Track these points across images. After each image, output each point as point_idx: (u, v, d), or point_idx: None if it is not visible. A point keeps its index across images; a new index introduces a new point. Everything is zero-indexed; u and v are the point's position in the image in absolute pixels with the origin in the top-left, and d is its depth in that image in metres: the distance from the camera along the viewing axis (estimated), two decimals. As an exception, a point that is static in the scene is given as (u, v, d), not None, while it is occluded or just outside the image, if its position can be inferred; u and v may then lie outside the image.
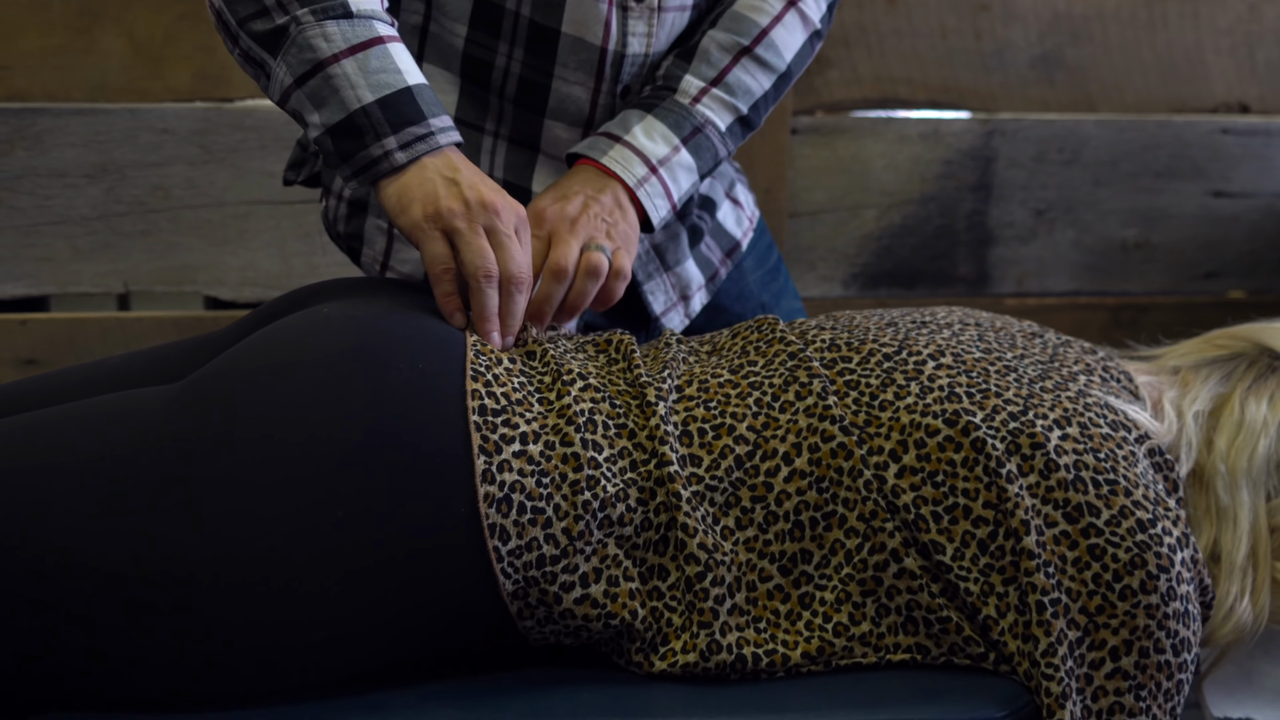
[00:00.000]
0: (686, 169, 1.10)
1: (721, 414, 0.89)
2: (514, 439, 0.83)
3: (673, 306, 1.22)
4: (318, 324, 0.85)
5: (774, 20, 1.15)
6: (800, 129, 1.89)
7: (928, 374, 0.89)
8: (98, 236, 1.79)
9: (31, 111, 1.73)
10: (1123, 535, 0.84)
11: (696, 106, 1.11)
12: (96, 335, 1.81)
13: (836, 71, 1.87)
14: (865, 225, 1.95)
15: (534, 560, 0.82)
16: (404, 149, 0.95)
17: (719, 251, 1.27)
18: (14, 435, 0.80)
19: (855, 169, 1.92)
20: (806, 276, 1.95)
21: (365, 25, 0.95)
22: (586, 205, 1.03)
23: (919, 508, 0.85)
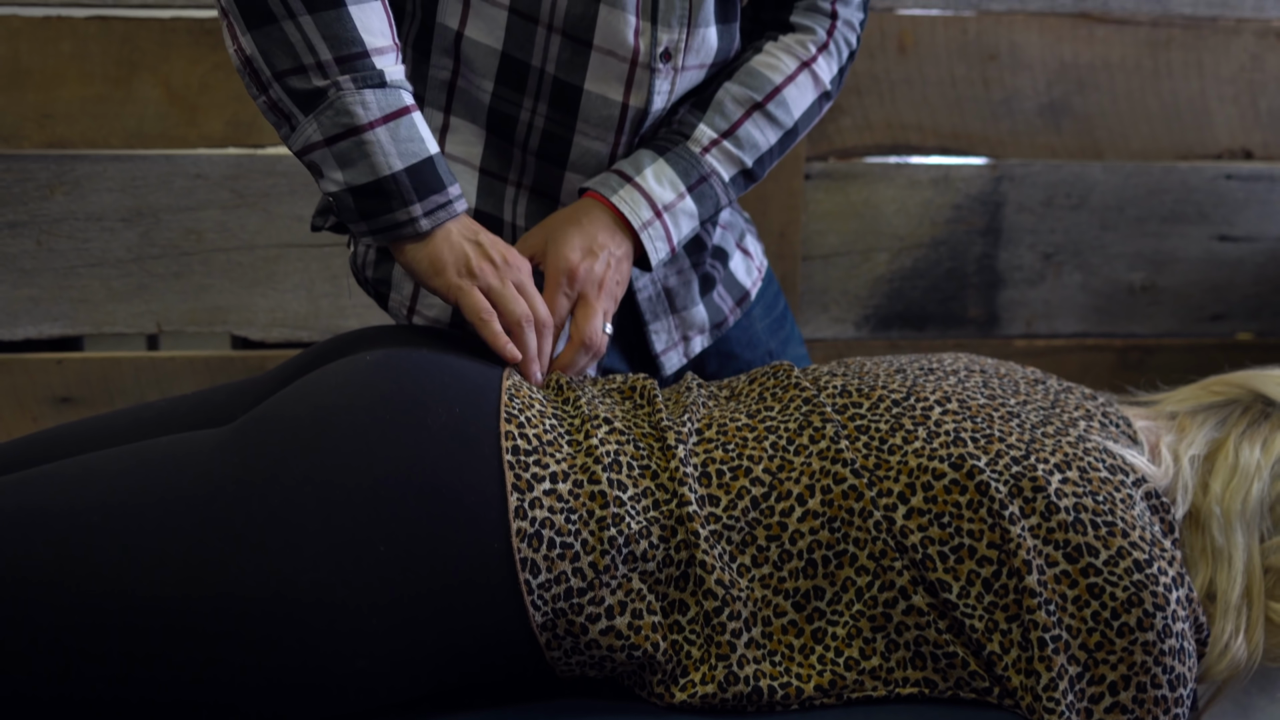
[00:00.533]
0: (688, 215, 1.16)
1: (739, 456, 0.93)
2: (545, 478, 0.88)
3: (673, 346, 1.28)
4: (361, 370, 0.90)
5: (787, 79, 1.21)
6: (814, 174, 1.94)
7: (934, 419, 0.94)
8: (132, 278, 1.85)
9: (71, 158, 1.79)
10: (1120, 574, 0.88)
11: (705, 156, 1.17)
12: (130, 374, 1.86)
13: (849, 118, 1.93)
14: (877, 268, 1.99)
15: (562, 593, 0.87)
16: (428, 215, 1.03)
17: (730, 300, 1.32)
18: (71, 476, 0.85)
19: (867, 213, 1.97)
20: (820, 318, 2.00)
21: (395, 95, 1.02)
22: (609, 267, 1.11)
23: (926, 547, 0.89)
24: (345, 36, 0.99)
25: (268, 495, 0.83)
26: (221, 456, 0.85)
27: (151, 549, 0.81)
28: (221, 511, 0.82)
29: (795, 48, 1.22)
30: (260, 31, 0.99)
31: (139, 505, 0.83)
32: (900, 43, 1.90)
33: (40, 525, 0.82)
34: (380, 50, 1.01)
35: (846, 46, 1.26)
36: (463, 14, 1.12)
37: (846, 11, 1.25)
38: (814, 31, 1.23)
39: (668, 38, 1.13)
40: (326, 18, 0.98)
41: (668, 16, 1.12)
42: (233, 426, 0.88)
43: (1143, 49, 1.94)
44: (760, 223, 1.90)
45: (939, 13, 1.90)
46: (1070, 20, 1.92)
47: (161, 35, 1.76)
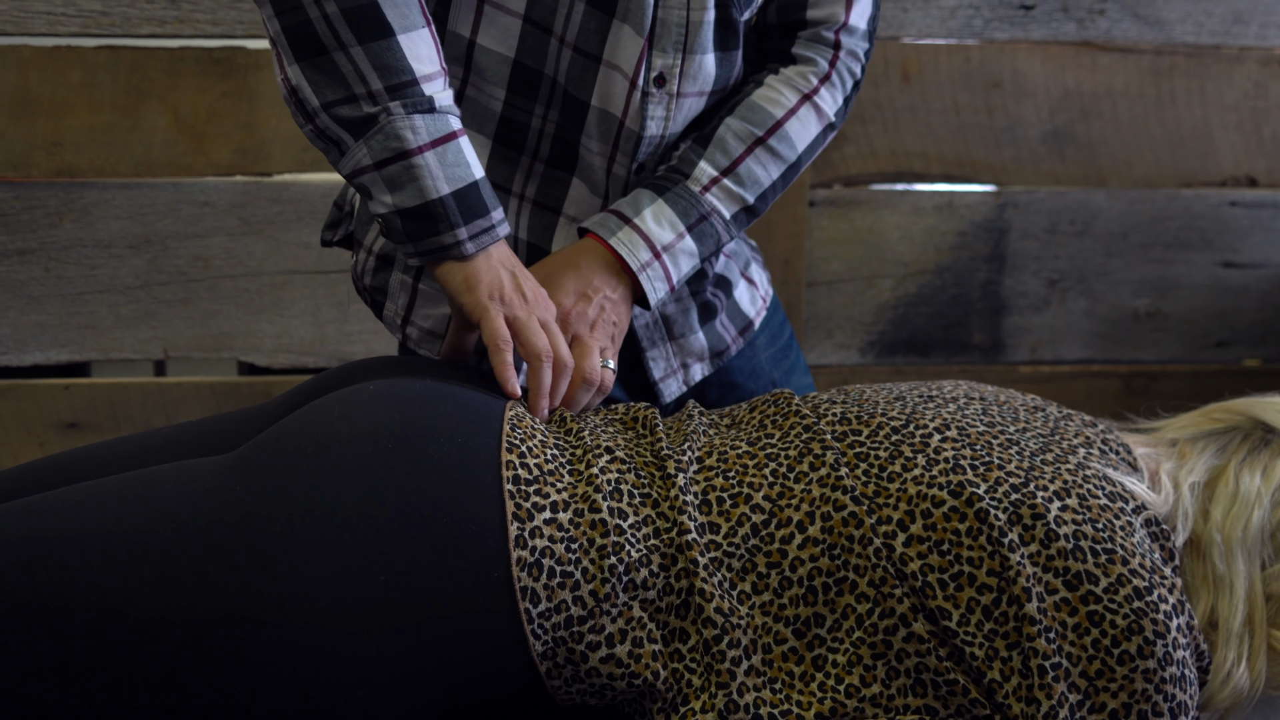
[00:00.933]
0: (688, 254, 1.17)
1: (739, 483, 0.94)
2: (545, 507, 0.89)
3: (672, 374, 1.28)
4: (363, 400, 0.91)
5: (789, 113, 1.21)
6: (818, 201, 1.95)
7: (934, 447, 0.94)
8: (140, 305, 1.86)
9: (80, 185, 1.81)
10: (1120, 602, 0.88)
11: (706, 195, 1.18)
12: (136, 400, 1.87)
13: (853, 146, 1.93)
14: (881, 294, 2.00)
15: (562, 621, 0.87)
16: (473, 239, 1.05)
17: (733, 329, 1.32)
18: (75, 503, 0.86)
19: (871, 240, 1.98)
20: (824, 344, 2.00)
21: (444, 120, 1.04)
22: (603, 309, 1.13)
23: (926, 575, 0.89)
24: (395, 66, 1.01)
25: (269, 523, 0.83)
26: (224, 484, 0.85)
27: (153, 575, 0.82)
28: (222, 539, 0.83)
29: (796, 80, 1.23)
30: (309, 63, 1.01)
31: (141, 531, 0.83)
32: (904, 71, 1.91)
33: (43, 551, 0.82)
34: (429, 77, 1.03)
35: (850, 77, 1.26)
36: (475, 21, 1.13)
37: (850, 42, 1.25)
38: (816, 63, 1.23)
39: (662, 62, 1.14)
40: (377, 48, 1.00)
41: (663, 41, 1.13)
42: (235, 454, 0.89)
43: (1146, 77, 1.95)
44: (765, 249, 1.91)
45: (942, 41, 1.91)
46: (1073, 49, 1.93)
47: (170, 64, 1.78)
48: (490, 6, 1.12)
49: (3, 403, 1.84)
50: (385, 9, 1.00)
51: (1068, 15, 1.91)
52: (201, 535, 0.83)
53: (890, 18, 1.88)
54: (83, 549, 0.82)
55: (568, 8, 1.11)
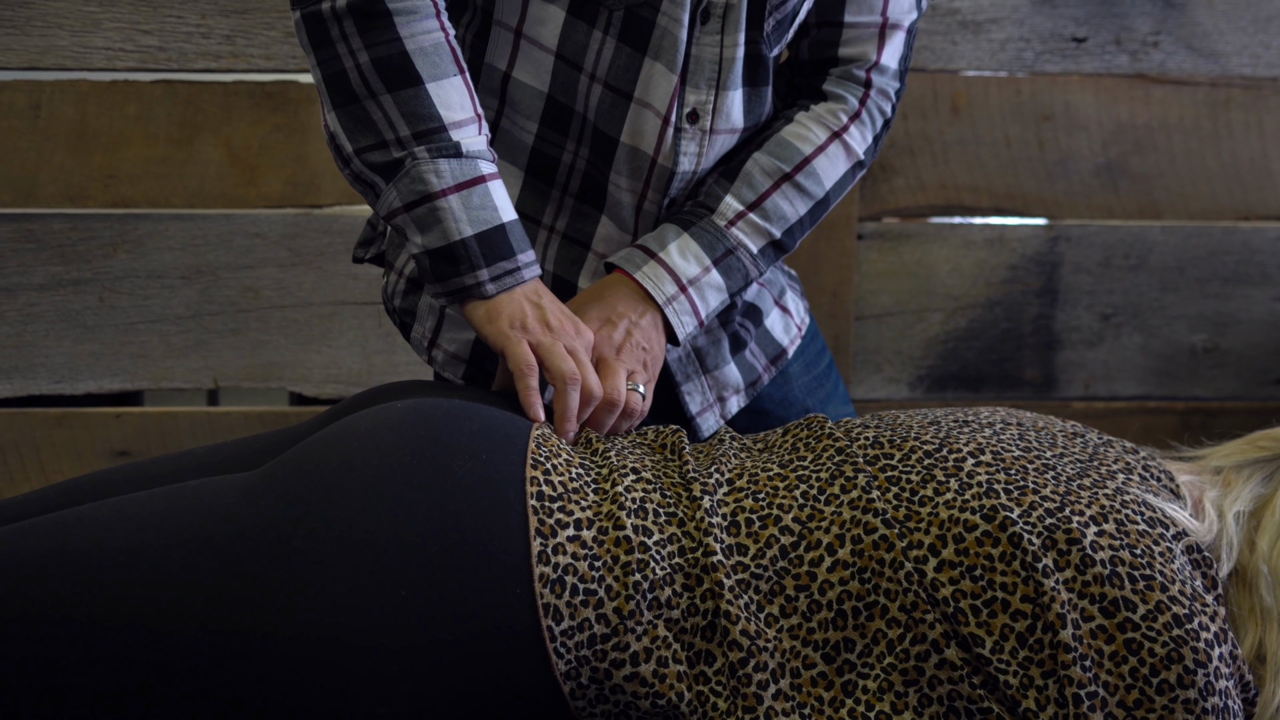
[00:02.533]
0: (716, 288, 1.17)
1: (769, 505, 0.92)
2: (569, 524, 0.88)
3: (709, 407, 1.27)
4: (389, 418, 0.91)
5: (817, 150, 1.20)
6: (866, 234, 1.94)
7: (967, 470, 0.92)
8: (191, 335, 1.88)
9: (134, 217, 1.84)
10: (1159, 630, 0.85)
11: (731, 229, 1.17)
12: (186, 429, 1.89)
13: (902, 179, 1.92)
14: (931, 328, 1.98)
15: (585, 640, 0.86)
16: (495, 281, 1.06)
17: (764, 358, 1.31)
18: (102, 518, 0.86)
19: (921, 273, 1.96)
20: (873, 378, 1.98)
21: (471, 165, 1.05)
22: (629, 333, 1.12)
23: (958, 601, 0.87)
24: (423, 113, 1.03)
25: (291, 539, 0.83)
26: (248, 500, 0.86)
27: (175, 589, 0.82)
28: (245, 554, 0.83)
29: (826, 117, 1.22)
30: (344, 110, 1.04)
31: (165, 546, 0.84)
32: (953, 103, 1.90)
33: (68, 564, 0.83)
34: (458, 123, 1.05)
35: (880, 115, 1.25)
36: (511, 56, 1.14)
37: (881, 80, 1.24)
38: (846, 100, 1.23)
39: (695, 99, 1.14)
40: (405, 96, 1.03)
41: (696, 77, 1.13)
42: (261, 471, 0.89)
43: (1201, 109, 1.92)
44: (812, 282, 1.90)
45: (992, 74, 1.90)
46: (1126, 81, 1.90)
47: (223, 98, 1.81)
48: (525, 42, 1.14)
49: (56, 431, 1.87)
50: (415, 59, 1.03)
51: (1120, 48, 1.89)
52: (224, 551, 0.83)
53: (940, 50, 1.87)
54: (106, 563, 0.83)
55: (599, 45, 1.12)
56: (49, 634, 0.82)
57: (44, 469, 1.87)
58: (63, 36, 1.75)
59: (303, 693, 0.82)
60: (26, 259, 1.84)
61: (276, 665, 0.81)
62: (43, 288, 1.85)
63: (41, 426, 1.87)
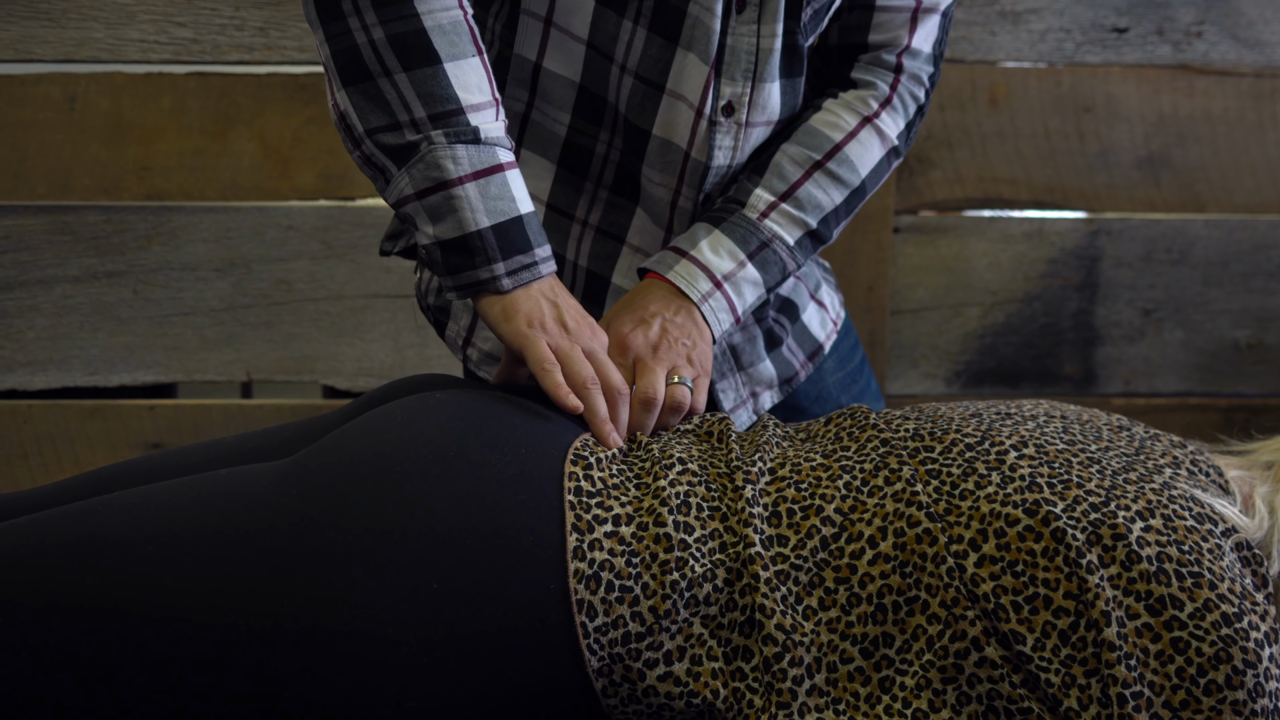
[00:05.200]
0: (752, 283, 1.13)
1: (812, 495, 0.91)
2: (607, 519, 0.87)
3: (742, 404, 1.24)
4: (429, 408, 0.90)
5: (848, 136, 1.17)
6: (903, 228, 1.91)
7: (1009, 464, 0.90)
8: (224, 327, 1.88)
9: (168, 210, 1.84)
10: (1207, 629, 0.83)
11: (764, 221, 1.14)
12: (219, 421, 1.89)
13: (939, 171, 1.90)
14: (968, 323, 1.95)
15: (619, 638, 0.85)
16: (511, 275, 1.01)
17: (801, 355, 1.28)
18: (130, 506, 0.86)
19: (958, 267, 1.93)
20: (909, 374, 1.96)
21: (490, 152, 1.01)
22: (665, 330, 1.08)
23: (999, 597, 0.85)
24: (440, 94, 0.99)
25: (322, 529, 0.82)
26: (280, 489, 0.85)
27: (204, 578, 0.81)
28: (275, 544, 0.82)
29: (856, 104, 1.19)
30: (356, 88, 1.00)
31: (194, 536, 0.83)
32: (992, 95, 1.87)
33: (98, 553, 0.82)
34: (476, 107, 1.01)
35: (914, 101, 1.22)
36: (541, 46, 1.12)
37: (913, 65, 1.21)
38: (876, 86, 1.20)
39: (730, 91, 1.11)
40: (422, 75, 0.99)
41: (732, 69, 1.10)
42: (293, 459, 0.88)
43: (1246, 100, 1.89)
44: (848, 275, 1.88)
45: (1031, 65, 1.87)
46: (1169, 72, 1.87)
47: (257, 90, 1.81)
48: (556, 30, 1.11)
49: (90, 422, 1.87)
50: (433, 37, 0.99)
51: (1163, 38, 1.86)
52: (254, 540, 0.82)
53: (978, 41, 1.85)
54: (135, 553, 0.82)
55: (629, 35, 1.09)
56: (76, 624, 0.81)
57: (79, 461, 1.87)
58: (97, 29, 1.75)
59: (331, 685, 0.81)
60: (62, 251, 1.84)
61: (306, 657, 0.80)
62: (78, 280, 1.85)
63: (76, 418, 1.87)
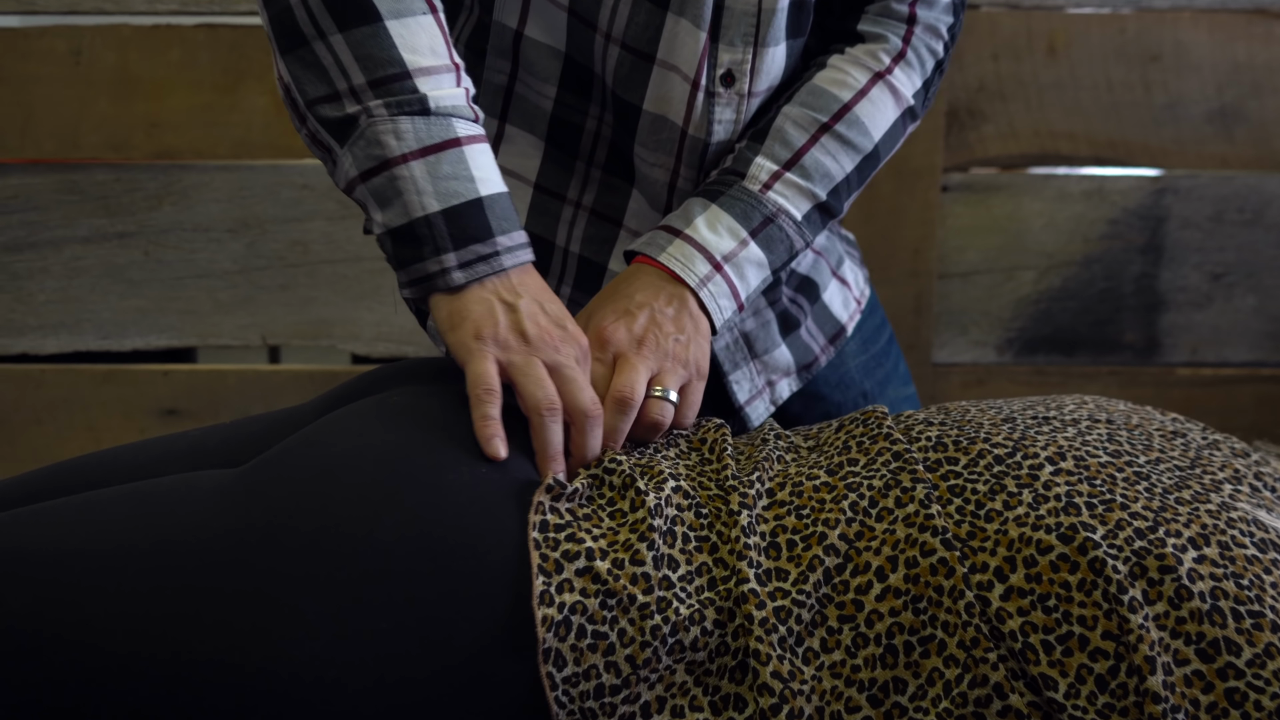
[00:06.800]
0: (756, 264, 1.00)
1: (814, 522, 0.80)
2: (579, 554, 0.76)
3: (757, 395, 1.13)
4: (379, 415, 0.80)
5: (858, 94, 1.03)
6: (952, 186, 1.79)
7: (1043, 480, 0.80)
8: (238, 290, 1.81)
9: (179, 168, 1.77)
10: (1268, 679, 0.72)
11: (768, 194, 1.00)
12: (235, 387, 1.83)
13: (992, 126, 1.77)
14: (1022, 288, 1.83)
15: (592, 690, 0.75)
16: (463, 268, 0.87)
17: (821, 338, 1.17)
18: (64, 518, 0.77)
19: (1011, 228, 1.81)
20: (957, 341, 1.84)
21: (442, 125, 0.87)
22: (653, 323, 0.94)
23: (1027, 635, 0.75)
24: (380, 56, 0.86)
25: (261, 555, 0.73)
26: (221, 506, 0.76)
27: (133, 602, 0.73)
28: (213, 567, 0.73)
29: (865, 59, 1.05)
30: (293, 55, 0.88)
31: (126, 554, 0.74)
32: (1050, 43, 1.74)
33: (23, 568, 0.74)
34: (426, 71, 0.88)
35: (931, 56, 1.07)
36: (522, 12, 1.00)
37: (928, 15, 1.06)
38: (886, 39, 1.05)
39: (729, 58, 0.99)
40: (359, 35, 0.86)
41: (729, 33, 0.97)
42: (240, 471, 0.80)
43: (1329, 47, 1.74)
44: (892, 237, 1.77)
45: (1093, 11, 1.73)
46: (1245, 17, 1.72)
47: (268, 43, 1.71)
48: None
49: (104, 388, 1.81)
50: None
51: (1239, -21, 1.71)
52: (189, 559, 0.74)
53: (1036, -16, 1.71)
54: (61, 569, 0.74)
55: (613, 1, 0.97)
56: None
57: (93, 427, 1.82)
58: (101, -21, 1.67)
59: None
60: (71, 211, 1.78)
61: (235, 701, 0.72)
62: (87, 241, 1.79)
63: (90, 384, 1.81)
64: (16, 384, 1.81)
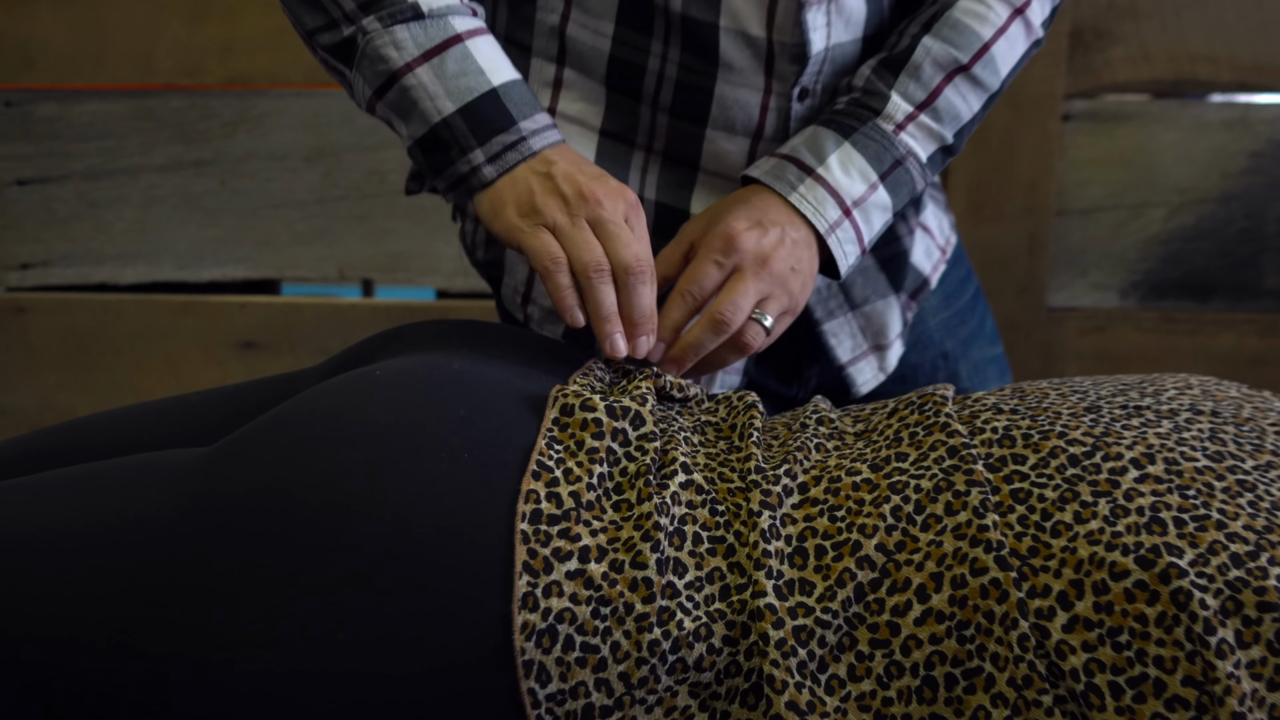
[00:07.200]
0: (881, 209, 0.92)
1: (849, 526, 0.70)
2: (571, 554, 0.67)
3: (863, 355, 1.03)
4: (360, 390, 0.72)
5: (998, 32, 0.94)
6: (1074, 114, 1.63)
7: (1125, 488, 0.68)
8: (315, 221, 1.75)
9: (254, 95, 1.71)
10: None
11: (901, 135, 0.93)
12: (312, 321, 1.78)
13: (1121, 48, 1.60)
14: (1150, 226, 1.67)
15: (579, 710, 0.66)
16: (492, 161, 0.85)
17: (903, 294, 1.06)
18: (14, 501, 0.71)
19: (1140, 161, 1.65)
20: (1076, 284, 1.70)
21: (439, 24, 0.85)
22: (783, 244, 0.88)
23: (1092, 675, 0.64)
24: None
25: (218, 550, 0.66)
26: (172, 496, 0.68)
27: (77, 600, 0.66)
28: (165, 563, 0.66)
29: None
30: None
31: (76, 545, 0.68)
32: (1191, -46, 1.56)
33: None
34: None
35: None
36: None
37: None
38: None
39: None
40: None
41: None
42: (206, 452, 0.72)
43: None
44: (1005, 170, 1.62)
45: (1243, -85, 1.55)
46: None
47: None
48: None
49: (182, 319, 1.78)
50: None
51: None
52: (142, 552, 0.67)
53: (1177, -112, 1.53)
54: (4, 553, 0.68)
55: None
56: None
57: (171, 359, 1.79)
58: (169, -104, 1.61)
59: None
60: (147, 139, 1.74)
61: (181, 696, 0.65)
62: (164, 169, 1.74)
63: (168, 314, 1.78)
64: (96, 314, 1.78)
